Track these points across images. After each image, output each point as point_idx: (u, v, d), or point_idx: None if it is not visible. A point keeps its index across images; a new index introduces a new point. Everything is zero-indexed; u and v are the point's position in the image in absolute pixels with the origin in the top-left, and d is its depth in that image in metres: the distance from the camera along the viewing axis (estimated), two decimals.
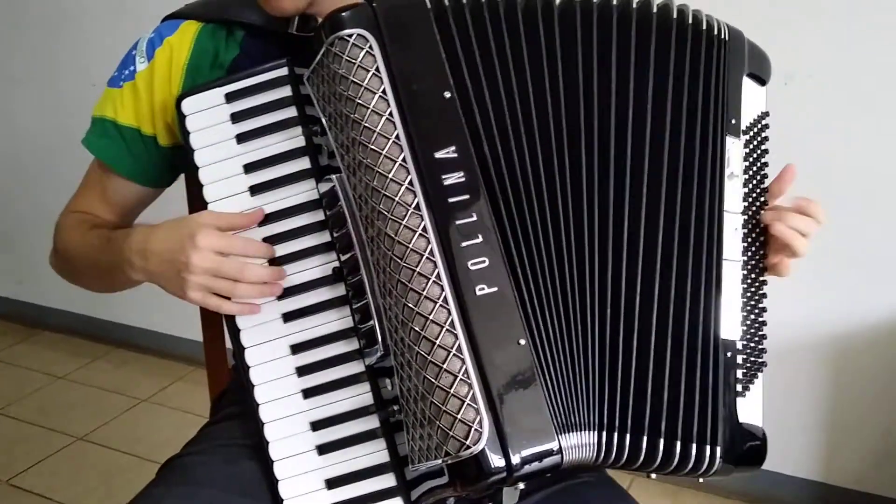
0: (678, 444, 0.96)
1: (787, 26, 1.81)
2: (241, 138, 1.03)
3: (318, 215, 1.01)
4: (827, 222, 1.84)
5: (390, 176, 0.92)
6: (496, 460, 0.88)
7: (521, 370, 0.90)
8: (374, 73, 0.93)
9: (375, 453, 1.00)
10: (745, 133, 1.04)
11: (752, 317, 1.03)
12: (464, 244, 0.91)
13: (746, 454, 1.00)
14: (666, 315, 0.97)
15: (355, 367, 1.00)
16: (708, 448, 0.96)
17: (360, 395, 1.00)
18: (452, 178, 0.92)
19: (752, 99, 1.06)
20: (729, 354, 0.99)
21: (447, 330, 0.89)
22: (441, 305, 0.90)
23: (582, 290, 0.96)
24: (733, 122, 1.03)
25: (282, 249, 1.02)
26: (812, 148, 1.85)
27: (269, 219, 1.02)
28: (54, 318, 3.30)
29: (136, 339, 3.11)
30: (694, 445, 0.96)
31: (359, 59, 0.93)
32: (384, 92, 0.92)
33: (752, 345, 1.03)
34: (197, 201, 1.33)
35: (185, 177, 1.30)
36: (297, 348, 1.01)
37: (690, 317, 0.98)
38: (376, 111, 0.92)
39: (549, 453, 0.90)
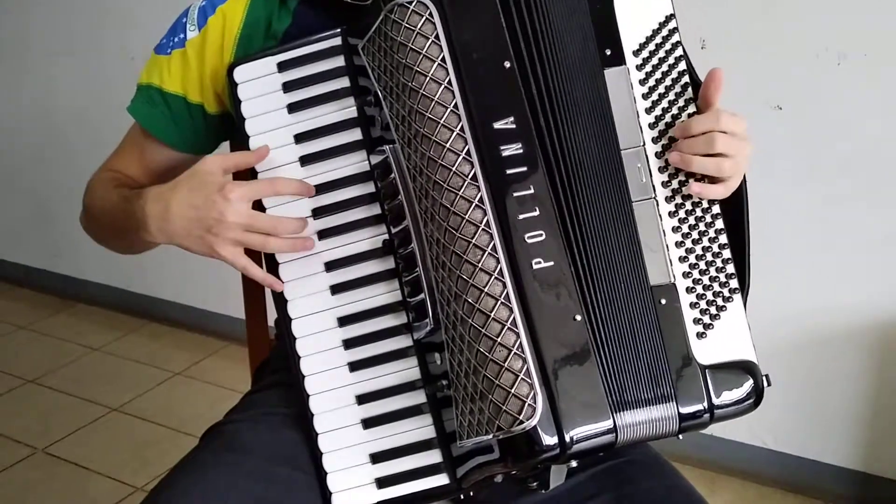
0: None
1: (840, 4, 1.77)
2: (293, 108, 1.02)
3: (369, 187, 1.00)
4: (876, 206, 1.82)
5: (447, 145, 0.90)
6: (549, 437, 0.87)
7: (577, 346, 0.89)
8: (433, 41, 0.91)
9: (421, 429, 0.99)
10: (637, 53, 0.97)
11: (702, 245, 0.97)
12: (521, 217, 0.90)
13: (718, 396, 0.94)
14: (624, 276, 0.95)
15: (403, 342, 1.00)
16: (665, 406, 0.93)
17: (408, 370, 1.00)
18: (510, 150, 0.91)
19: (641, 9, 0.97)
20: (664, 301, 0.95)
21: (502, 303, 0.88)
22: (496, 278, 0.89)
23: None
24: (608, 52, 0.96)
25: (331, 221, 1.01)
26: (864, 129, 1.82)
27: (319, 190, 1.01)
28: (90, 291, 3.33)
29: (170, 314, 3.13)
30: (656, 408, 0.93)
31: (418, 27, 0.91)
32: (443, 60, 0.91)
33: (711, 275, 0.97)
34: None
35: (231, 145, 1.29)
36: (344, 321, 1.01)
37: (624, 272, 0.95)
38: (435, 79, 0.91)
39: (604, 432, 0.89)
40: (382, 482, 0.99)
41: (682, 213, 0.97)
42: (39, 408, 2.68)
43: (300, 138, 1.02)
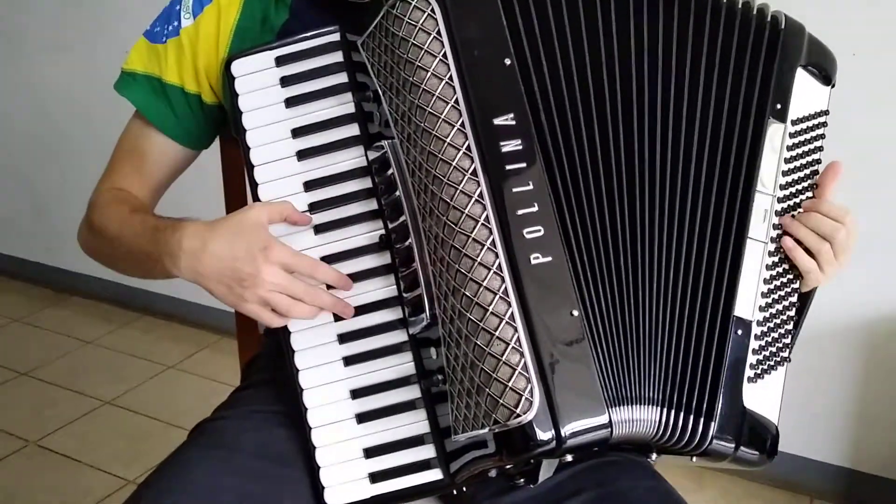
0: (682, 416, 0.94)
1: (827, 7, 1.78)
2: (290, 102, 1.02)
3: (366, 183, 1.00)
4: (862, 206, 1.81)
5: (448, 140, 0.90)
6: (545, 431, 0.87)
7: (574, 341, 0.89)
8: (435, 36, 0.92)
9: (415, 423, 0.99)
10: (794, 123, 1.02)
11: (779, 306, 1.01)
12: (520, 212, 0.90)
13: (748, 437, 0.96)
14: (686, 286, 0.96)
15: (398, 336, 1.00)
16: (702, 421, 0.94)
17: (402, 365, 1.00)
18: (510, 146, 0.91)
19: (808, 93, 1.04)
20: (740, 332, 0.96)
21: (500, 297, 0.88)
22: (495, 273, 0.89)
23: (635, 264, 0.95)
24: (778, 106, 1.01)
25: (327, 216, 1.01)
26: (852, 130, 1.82)
27: (315, 185, 1.01)
28: (83, 284, 3.32)
29: (163, 307, 3.12)
30: (691, 417, 0.94)
31: (420, 22, 0.92)
32: (445, 55, 0.91)
33: (775, 335, 1.00)
34: (233, 168, 1.33)
35: (221, 144, 1.29)
36: (339, 315, 1.00)
37: (706, 287, 0.96)
38: (436, 75, 0.91)
39: (599, 427, 0.89)
40: (376, 477, 0.99)
41: (777, 270, 1.00)
42: (32, 400, 2.68)
43: (297, 133, 1.02)
